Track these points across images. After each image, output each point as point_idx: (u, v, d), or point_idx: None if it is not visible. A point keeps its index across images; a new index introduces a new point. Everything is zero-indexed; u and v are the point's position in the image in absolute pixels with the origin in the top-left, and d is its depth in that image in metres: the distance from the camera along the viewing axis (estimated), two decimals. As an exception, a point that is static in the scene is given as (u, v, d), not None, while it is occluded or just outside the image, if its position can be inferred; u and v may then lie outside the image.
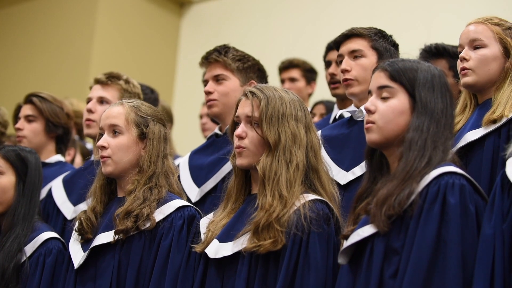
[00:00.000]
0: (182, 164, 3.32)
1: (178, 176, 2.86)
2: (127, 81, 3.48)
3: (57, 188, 3.47)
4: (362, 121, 2.83)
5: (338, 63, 3.01)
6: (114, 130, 2.74)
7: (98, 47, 7.24)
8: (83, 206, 3.16)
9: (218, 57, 3.20)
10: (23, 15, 7.76)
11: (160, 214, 2.66)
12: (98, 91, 3.44)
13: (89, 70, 7.07)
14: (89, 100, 3.46)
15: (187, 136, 6.60)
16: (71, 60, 7.30)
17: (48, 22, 7.60)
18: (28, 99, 3.68)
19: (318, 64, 4.77)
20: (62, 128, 3.68)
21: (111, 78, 3.45)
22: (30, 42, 7.65)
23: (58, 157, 3.69)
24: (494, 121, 2.62)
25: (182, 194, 2.83)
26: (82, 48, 7.26)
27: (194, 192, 3.16)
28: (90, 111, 3.40)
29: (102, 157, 2.73)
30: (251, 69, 3.24)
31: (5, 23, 7.90)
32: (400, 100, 2.21)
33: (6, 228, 3.00)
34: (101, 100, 3.41)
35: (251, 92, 2.52)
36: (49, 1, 7.69)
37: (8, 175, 3.06)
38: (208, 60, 3.24)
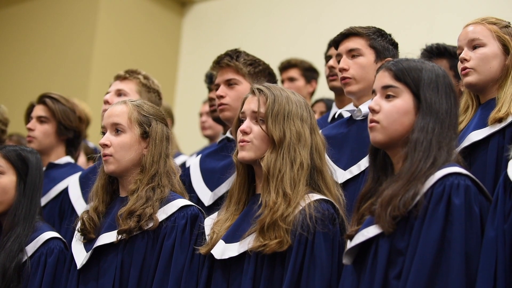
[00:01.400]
0: (193, 167, 3.33)
1: (180, 176, 2.86)
2: (146, 77, 3.51)
3: (73, 185, 3.48)
4: (361, 120, 2.84)
5: (337, 62, 3.02)
6: (117, 129, 2.74)
7: (100, 46, 7.24)
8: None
9: (230, 62, 3.21)
10: (24, 14, 7.76)
11: (162, 213, 2.65)
12: (116, 85, 3.48)
13: (90, 69, 7.07)
14: (107, 94, 3.49)
15: (188, 134, 6.61)
16: (72, 59, 7.30)
17: (49, 21, 7.59)
18: (41, 100, 3.67)
19: (319, 63, 4.77)
20: (73, 132, 3.66)
21: (129, 73, 3.49)
22: (31, 41, 7.65)
23: (68, 159, 3.68)
24: (500, 120, 2.62)
25: (184, 193, 2.82)
26: (84, 48, 7.26)
27: (207, 196, 3.16)
28: (107, 102, 3.42)
29: (104, 155, 2.72)
30: (262, 74, 3.25)
31: (6, 22, 7.90)
32: (404, 100, 2.20)
33: (7, 228, 2.98)
34: (119, 93, 3.44)
35: (258, 89, 2.53)
36: (50, 0, 7.69)
37: (9, 175, 3.05)
38: (219, 64, 3.25)
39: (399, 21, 6.01)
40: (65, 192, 3.50)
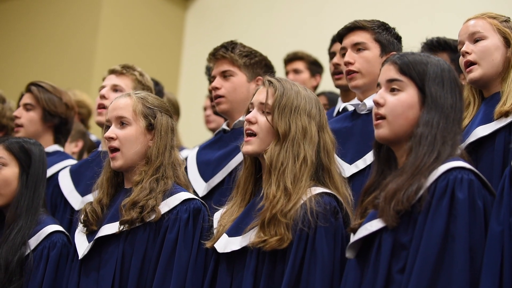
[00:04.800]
0: (190, 159, 3.33)
1: (185, 167, 2.86)
2: (141, 74, 3.50)
3: (64, 178, 3.47)
4: (366, 114, 2.84)
5: (341, 56, 3.01)
6: (122, 122, 2.74)
7: (103, 38, 7.24)
8: (90, 198, 3.16)
9: (225, 53, 3.21)
10: (27, 7, 7.75)
11: (165, 206, 2.65)
12: (112, 80, 3.46)
13: (94, 62, 7.07)
14: (102, 88, 3.47)
15: (192, 128, 6.61)
16: (75, 51, 7.30)
17: (53, 13, 7.59)
18: (28, 88, 3.68)
19: (321, 56, 4.77)
20: (59, 118, 3.65)
21: (126, 68, 3.48)
22: (34, 33, 7.64)
23: (56, 147, 3.68)
24: (506, 114, 2.61)
25: (188, 186, 2.83)
26: (87, 40, 7.26)
27: (201, 187, 3.17)
28: (103, 97, 3.41)
29: (111, 148, 2.72)
30: (258, 65, 3.25)
31: (9, 15, 7.89)
32: (409, 94, 2.20)
33: (9, 221, 2.97)
34: (115, 89, 3.43)
35: (269, 80, 2.53)
36: (54, -8, 7.70)
37: (11, 166, 3.04)
38: (215, 56, 3.26)
39: (400, 16, 5.99)
40: (55, 184, 3.48)
